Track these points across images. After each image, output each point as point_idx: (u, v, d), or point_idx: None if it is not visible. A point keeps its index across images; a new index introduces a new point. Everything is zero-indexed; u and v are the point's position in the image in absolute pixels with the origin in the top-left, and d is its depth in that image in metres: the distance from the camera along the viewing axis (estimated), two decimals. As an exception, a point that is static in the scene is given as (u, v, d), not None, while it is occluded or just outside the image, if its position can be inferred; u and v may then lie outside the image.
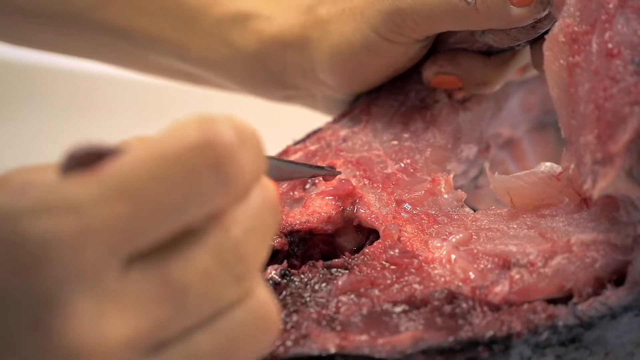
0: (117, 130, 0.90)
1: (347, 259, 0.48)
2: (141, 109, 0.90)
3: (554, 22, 0.48)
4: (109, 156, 0.32)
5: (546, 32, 0.47)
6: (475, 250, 0.46)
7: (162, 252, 0.32)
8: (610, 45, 0.41)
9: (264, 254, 0.35)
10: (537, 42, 0.54)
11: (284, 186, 0.55)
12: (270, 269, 0.46)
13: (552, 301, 0.44)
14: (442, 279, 0.45)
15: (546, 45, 0.45)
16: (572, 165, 0.46)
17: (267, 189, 0.36)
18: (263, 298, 0.34)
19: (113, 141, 0.33)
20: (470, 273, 0.45)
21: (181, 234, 0.32)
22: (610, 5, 0.42)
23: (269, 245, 0.35)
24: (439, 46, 0.58)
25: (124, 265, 0.31)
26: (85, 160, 0.32)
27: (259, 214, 0.35)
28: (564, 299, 0.44)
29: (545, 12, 0.51)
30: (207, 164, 0.32)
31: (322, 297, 0.45)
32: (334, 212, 0.51)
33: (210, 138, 0.32)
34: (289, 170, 0.48)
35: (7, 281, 0.30)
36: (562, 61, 0.44)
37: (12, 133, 0.91)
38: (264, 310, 0.34)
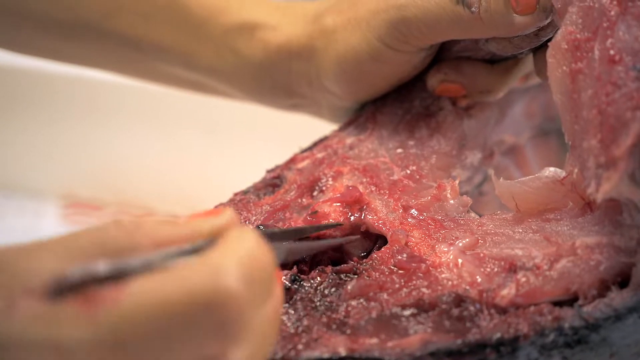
0: (121, 136, 0.91)
1: (355, 264, 0.48)
2: (147, 116, 0.91)
3: (557, 30, 0.48)
4: (107, 285, 0.30)
5: (549, 40, 0.48)
6: (482, 255, 0.47)
7: None
8: (612, 52, 0.42)
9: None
10: (539, 49, 0.54)
11: (292, 193, 0.56)
12: (280, 274, 0.47)
13: (558, 303, 0.45)
14: (450, 283, 0.46)
15: (549, 53, 0.46)
16: (576, 170, 0.46)
17: (273, 310, 0.36)
18: None
19: (109, 268, 0.31)
20: (477, 277, 0.46)
21: None
22: (612, 13, 0.43)
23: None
24: (443, 54, 0.59)
25: None
26: (80, 285, 0.30)
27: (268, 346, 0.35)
28: (570, 301, 0.45)
29: (548, 21, 0.51)
30: (212, 325, 0.31)
31: (331, 302, 0.46)
32: (342, 219, 0.52)
33: (218, 298, 0.31)
34: (300, 248, 0.49)
35: None
36: (565, 68, 0.45)
37: (14, 139, 0.92)
38: None
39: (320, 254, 0.52)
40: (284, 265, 0.49)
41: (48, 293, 0.30)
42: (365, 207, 0.53)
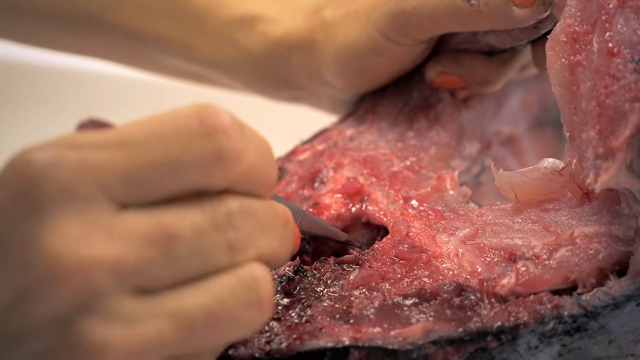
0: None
1: (357, 254, 0.49)
2: (146, 108, 0.91)
3: (555, 22, 0.49)
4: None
5: (547, 33, 0.49)
6: (482, 244, 0.48)
7: (158, 205, 0.35)
8: (610, 45, 0.43)
9: (265, 244, 0.37)
10: (538, 41, 0.55)
11: (293, 185, 0.56)
12: (283, 265, 0.48)
13: (557, 292, 0.45)
14: (451, 273, 0.47)
15: (548, 45, 0.46)
16: (575, 161, 0.47)
17: (278, 205, 0.39)
18: (258, 275, 0.36)
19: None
20: (478, 266, 0.47)
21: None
22: (610, 6, 0.44)
23: (273, 244, 0.38)
24: (441, 47, 0.59)
25: (118, 207, 0.34)
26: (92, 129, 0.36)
27: (264, 211, 0.37)
28: (569, 289, 0.46)
29: (547, 13, 0.52)
30: (202, 130, 0.34)
31: (334, 292, 0.47)
32: (343, 210, 0.53)
33: (207, 111, 0.35)
34: (315, 224, 0.49)
35: (4, 199, 0.33)
36: (564, 60, 0.45)
37: (14, 133, 0.92)
38: (258, 285, 0.36)
39: (322, 245, 0.53)
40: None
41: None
42: (366, 198, 0.53)
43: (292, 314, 0.45)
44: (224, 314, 0.35)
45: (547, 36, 0.47)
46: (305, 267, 0.48)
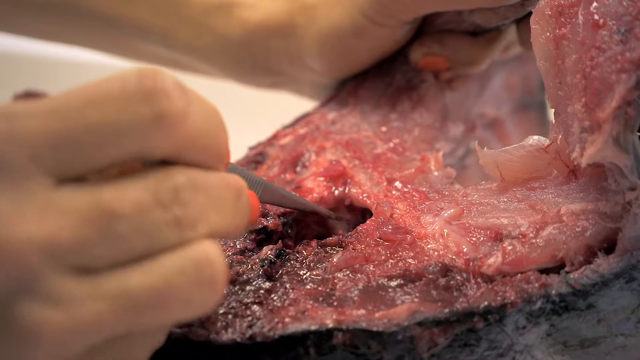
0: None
1: (341, 237, 0.48)
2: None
3: (540, -1, 0.48)
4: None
5: (532, 11, 0.48)
6: (467, 224, 0.47)
7: (98, 181, 0.33)
8: (596, 17, 0.42)
9: (216, 218, 0.35)
10: (522, 19, 0.54)
11: (274, 169, 0.55)
12: (265, 249, 0.47)
13: (544, 271, 0.45)
14: (436, 253, 0.46)
15: (533, 19, 0.46)
16: (560, 137, 0.46)
17: (229, 176, 0.36)
18: (209, 253, 0.34)
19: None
20: (463, 246, 0.46)
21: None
22: (595, -22, 0.43)
23: (225, 218, 0.35)
24: (425, 28, 0.59)
25: (54, 182, 0.32)
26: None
27: (213, 183, 0.35)
28: (556, 268, 0.45)
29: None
30: (140, 92, 0.32)
31: (318, 275, 0.46)
32: (326, 193, 0.52)
33: (145, 73, 0.33)
34: (279, 195, 0.47)
35: None
36: (549, 34, 0.45)
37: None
38: (208, 264, 0.34)
39: (305, 229, 0.52)
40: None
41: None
42: (349, 180, 0.52)
43: (274, 298, 0.44)
44: (172, 294, 0.33)
45: (532, 10, 0.46)
46: (287, 250, 0.47)
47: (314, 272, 0.46)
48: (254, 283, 0.45)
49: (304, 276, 0.46)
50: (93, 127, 0.32)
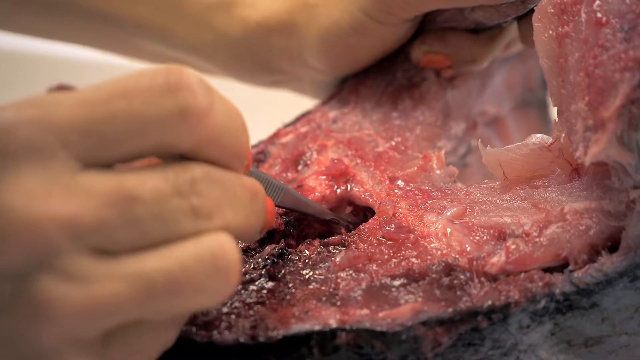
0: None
1: (343, 236, 0.48)
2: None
3: (542, -4, 0.48)
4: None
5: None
6: (470, 223, 0.47)
7: (121, 169, 0.34)
8: (599, 15, 0.42)
9: (230, 214, 0.36)
10: (524, 17, 0.54)
11: (276, 168, 0.55)
12: (268, 248, 0.47)
13: (548, 270, 0.45)
14: (439, 252, 0.45)
15: (535, 17, 0.45)
16: (563, 135, 0.46)
17: (246, 178, 0.38)
18: (225, 244, 0.35)
19: None
20: (467, 245, 0.46)
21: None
22: (598, -25, 0.43)
23: (239, 217, 0.37)
24: (426, 26, 0.58)
25: (81, 166, 0.33)
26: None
27: (230, 181, 0.37)
28: (560, 267, 0.45)
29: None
30: (167, 86, 0.34)
31: (321, 274, 0.46)
32: (328, 192, 0.52)
33: (173, 70, 0.34)
34: (298, 201, 0.48)
35: None
36: (551, 32, 0.44)
37: None
38: (223, 254, 0.35)
39: (307, 228, 0.52)
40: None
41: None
42: (351, 179, 0.52)
43: (278, 298, 0.44)
44: (187, 280, 0.34)
45: (534, 8, 0.46)
46: (290, 250, 0.47)
47: (317, 272, 0.46)
48: (256, 283, 0.45)
49: (307, 276, 0.46)
50: (120, 118, 0.34)
